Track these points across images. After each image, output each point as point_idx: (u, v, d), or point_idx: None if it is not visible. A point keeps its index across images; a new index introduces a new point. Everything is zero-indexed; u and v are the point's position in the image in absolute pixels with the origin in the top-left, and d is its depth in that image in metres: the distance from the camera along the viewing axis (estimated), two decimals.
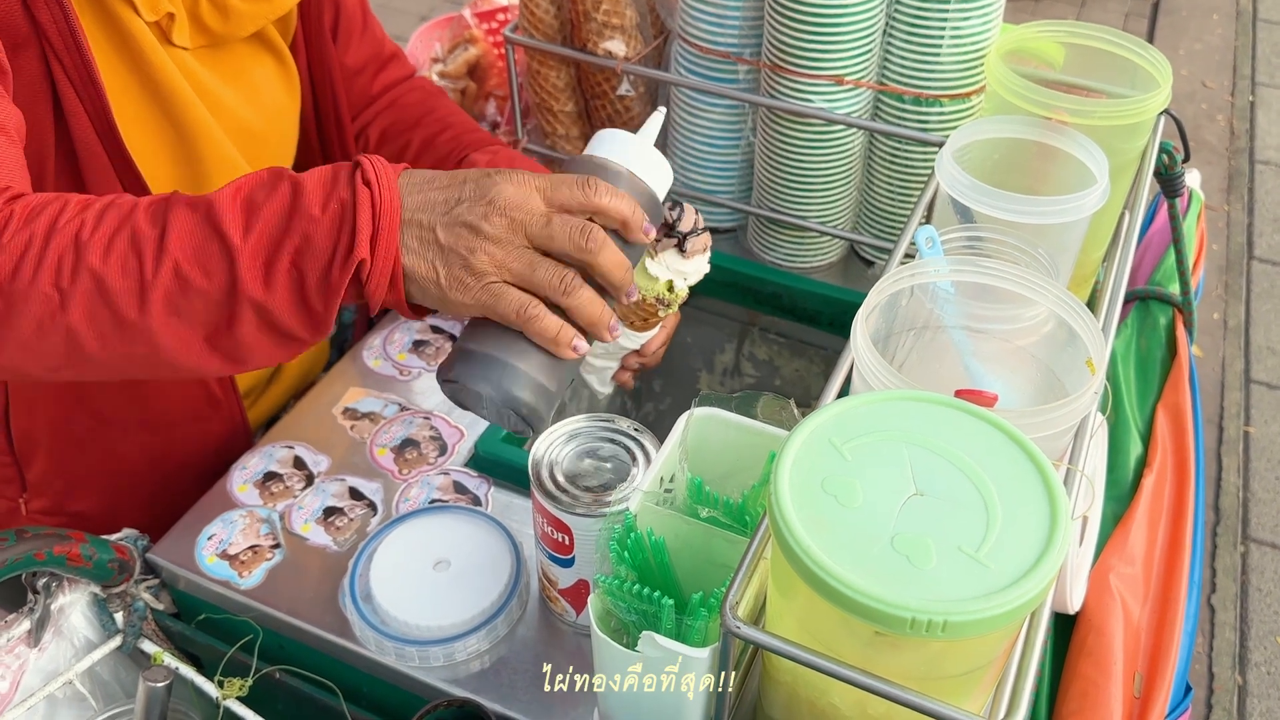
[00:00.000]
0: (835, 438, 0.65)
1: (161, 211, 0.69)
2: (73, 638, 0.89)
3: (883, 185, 1.13)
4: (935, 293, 0.84)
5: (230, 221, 0.68)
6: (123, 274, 0.67)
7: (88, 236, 0.68)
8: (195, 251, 0.68)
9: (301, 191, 0.69)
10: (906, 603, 0.56)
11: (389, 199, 0.69)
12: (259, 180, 0.70)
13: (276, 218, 0.68)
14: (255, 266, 0.68)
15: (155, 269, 0.67)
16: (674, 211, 0.90)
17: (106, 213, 0.69)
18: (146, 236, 0.68)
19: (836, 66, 1.04)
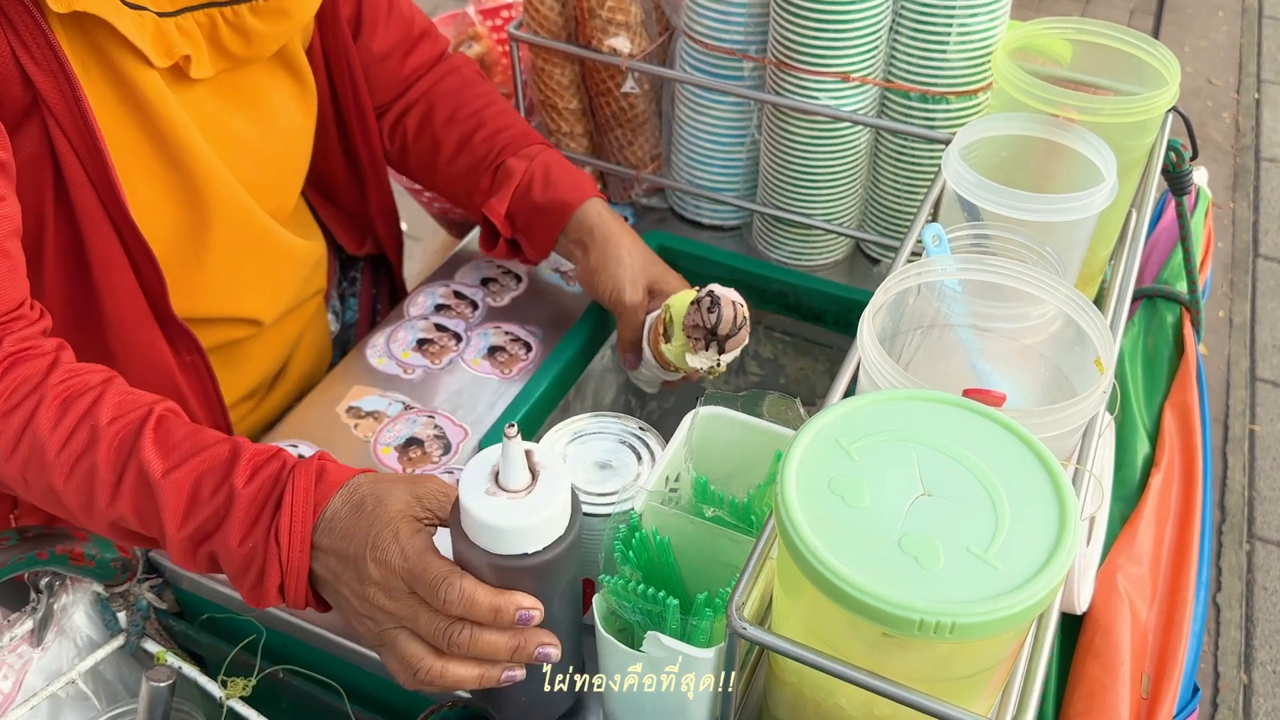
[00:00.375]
0: (842, 437, 0.64)
1: (124, 456, 0.75)
2: (75, 637, 0.89)
3: (889, 183, 1.13)
4: (942, 291, 0.84)
5: (170, 513, 0.74)
6: (77, 497, 0.76)
7: (53, 457, 0.75)
8: (138, 515, 0.75)
9: (231, 513, 0.73)
10: (914, 604, 0.55)
11: (296, 559, 0.72)
12: (211, 468, 0.75)
13: (208, 524, 0.74)
14: (183, 552, 0.75)
15: (106, 506, 0.75)
16: (711, 313, 0.90)
17: (76, 431, 0.76)
18: (104, 481, 0.75)
19: (843, 63, 1.03)
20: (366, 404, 1.02)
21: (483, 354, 1.07)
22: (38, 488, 0.77)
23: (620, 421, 0.85)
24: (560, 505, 0.66)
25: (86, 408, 0.76)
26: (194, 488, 0.74)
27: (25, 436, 0.76)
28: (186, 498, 0.74)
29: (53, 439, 0.75)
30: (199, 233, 0.93)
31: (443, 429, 1.00)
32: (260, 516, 0.73)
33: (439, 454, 0.97)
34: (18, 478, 0.77)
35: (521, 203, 1.05)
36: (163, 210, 0.91)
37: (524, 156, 1.06)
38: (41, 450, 0.75)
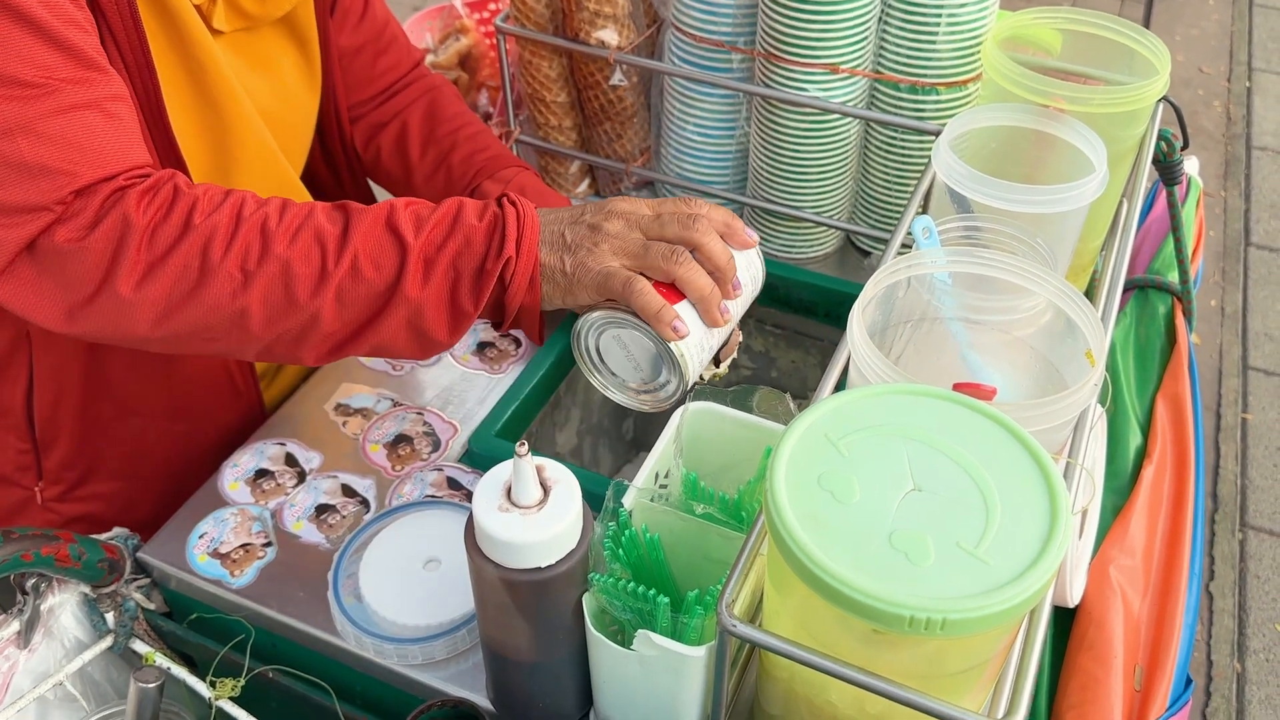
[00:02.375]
0: (831, 433, 0.64)
1: (341, 213, 0.80)
2: (63, 638, 0.88)
3: (879, 175, 1.12)
4: (932, 284, 0.83)
5: (405, 225, 0.80)
6: (306, 261, 0.77)
7: (274, 226, 0.78)
8: (374, 246, 0.79)
9: (464, 205, 0.82)
10: (904, 601, 0.55)
11: (529, 214, 0.82)
12: (423, 202, 0.83)
13: (444, 223, 0.81)
14: (419, 264, 0.79)
15: (337, 259, 0.78)
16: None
17: (287, 208, 0.79)
18: (329, 232, 0.78)
19: (832, 55, 1.03)
20: (355, 401, 1.02)
21: (471, 350, 1.07)
22: (264, 271, 0.76)
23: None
24: (572, 519, 0.66)
25: (284, 201, 0.80)
26: (418, 206, 0.81)
27: (240, 223, 0.77)
28: (414, 215, 0.80)
29: (270, 215, 0.78)
30: (226, 170, 0.92)
31: (432, 426, 0.99)
32: (488, 201, 0.82)
33: (428, 451, 0.97)
34: (236, 272, 0.76)
35: None
36: (196, 139, 0.89)
37: (499, 180, 1.06)
38: (260, 226, 0.77)
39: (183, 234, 0.76)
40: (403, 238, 0.79)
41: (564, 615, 0.69)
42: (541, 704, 0.75)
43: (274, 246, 0.77)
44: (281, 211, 0.79)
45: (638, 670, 0.69)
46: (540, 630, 0.69)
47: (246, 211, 0.78)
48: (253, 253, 0.77)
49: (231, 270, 0.76)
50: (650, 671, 0.69)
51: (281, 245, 0.77)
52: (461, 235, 0.80)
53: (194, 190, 0.78)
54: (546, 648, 0.70)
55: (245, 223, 0.77)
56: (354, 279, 0.78)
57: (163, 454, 1.02)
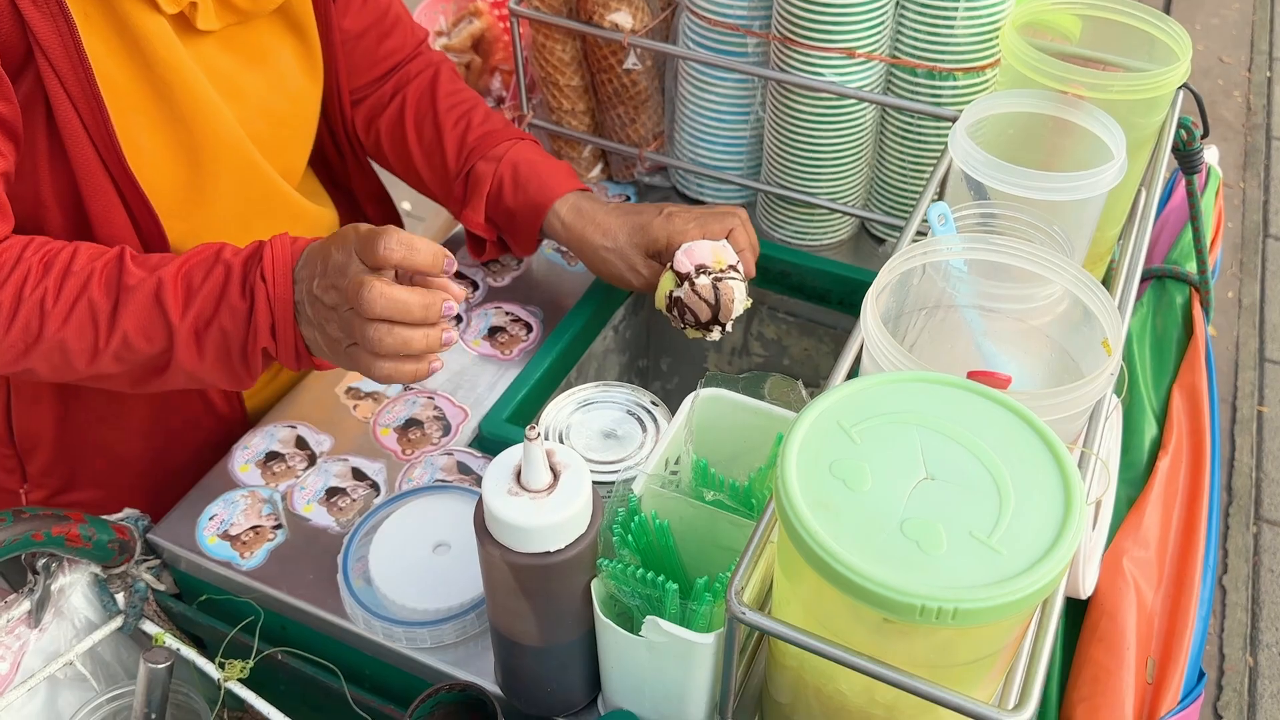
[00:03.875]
0: (844, 420, 0.63)
1: (114, 283, 0.82)
2: (74, 618, 0.89)
3: (894, 161, 1.11)
4: (948, 271, 0.82)
5: (172, 301, 0.81)
6: (79, 338, 0.81)
7: (50, 306, 0.81)
8: (142, 326, 0.81)
9: (230, 277, 0.81)
10: (916, 590, 0.54)
11: (283, 292, 0.80)
12: (200, 260, 0.83)
13: (211, 298, 0.81)
14: (190, 341, 0.82)
15: (108, 338, 0.81)
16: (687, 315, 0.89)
17: (66, 281, 0.81)
18: (101, 309, 0.81)
19: (848, 39, 1.02)
20: (366, 384, 1.01)
21: (483, 334, 1.06)
22: (41, 345, 0.81)
23: (630, 392, 0.84)
24: (581, 504, 0.65)
25: (67, 262, 0.82)
26: (187, 278, 0.81)
27: (20, 303, 0.80)
28: (183, 287, 0.81)
29: (47, 295, 0.80)
30: (202, 187, 0.92)
31: (442, 410, 0.99)
32: (249, 271, 0.81)
33: (438, 435, 0.97)
34: (19, 346, 0.81)
35: (495, 208, 1.05)
36: (163, 162, 0.89)
37: (491, 159, 1.05)
38: (38, 306, 0.80)
39: None
40: (169, 317, 0.81)
41: (572, 600, 0.68)
42: (549, 688, 0.75)
43: (48, 327, 0.81)
44: (60, 287, 0.81)
45: (646, 656, 0.69)
46: (548, 615, 0.69)
47: (27, 290, 0.80)
48: (30, 330, 0.81)
49: (14, 341, 0.81)
50: (658, 658, 0.69)
51: (54, 326, 0.81)
52: (226, 313, 0.81)
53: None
54: (554, 632, 0.70)
55: (24, 303, 0.80)
56: (128, 351, 0.82)
57: (143, 462, 1.02)
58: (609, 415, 0.82)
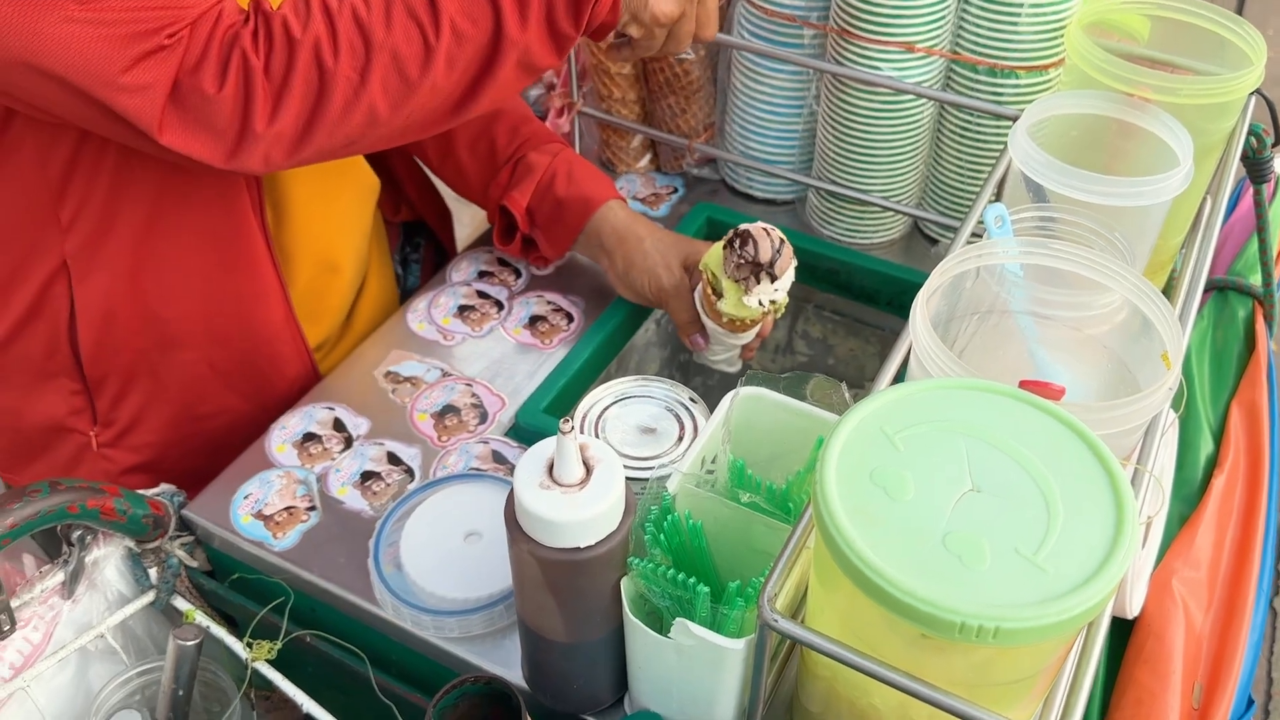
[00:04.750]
0: (888, 426, 0.61)
1: None
2: (106, 591, 0.89)
3: (951, 160, 1.08)
4: (1002, 275, 0.80)
5: None
6: (408, 41, 0.79)
7: (365, 16, 0.78)
8: (464, 6, 0.79)
9: None
10: (956, 606, 0.52)
11: None
12: None
13: None
14: (513, 7, 0.80)
15: (436, 31, 0.79)
16: (748, 247, 0.86)
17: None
18: (417, 3, 0.79)
19: (907, 33, 0.99)
20: (405, 369, 1.01)
21: (524, 323, 1.05)
22: (374, 65, 0.78)
23: (668, 387, 0.82)
24: (613, 500, 0.64)
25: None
26: None
27: (336, 25, 0.77)
28: None
29: (357, 7, 0.78)
30: None
31: (480, 398, 0.98)
32: None
33: (475, 423, 0.96)
34: (353, 76, 0.78)
35: (543, 197, 1.03)
36: None
37: (546, 152, 1.04)
38: (353, 21, 0.77)
39: (292, 56, 0.77)
40: None
41: (601, 598, 0.67)
42: (575, 685, 0.74)
43: (374, 36, 0.78)
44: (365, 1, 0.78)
45: (674, 659, 0.68)
46: (576, 611, 0.68)
47: (333, 7, 0.78)
48: (357, 50, 0.78)
49: (347, 73, 0.78)
50: (687, 661, 0.67)
51: (380, 33, 0.78)
52: None
53: (281, 9, 0.78)
54: (582, 629, 0.69)
55: (339, 20, 0.78)
56: (457, 42, 0.79)
57: (211, 401, 1.01)
58: (646, 410, 0.80)
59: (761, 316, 0.91)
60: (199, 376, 0.99)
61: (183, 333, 0.97)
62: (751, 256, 0.86)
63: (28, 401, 0.99)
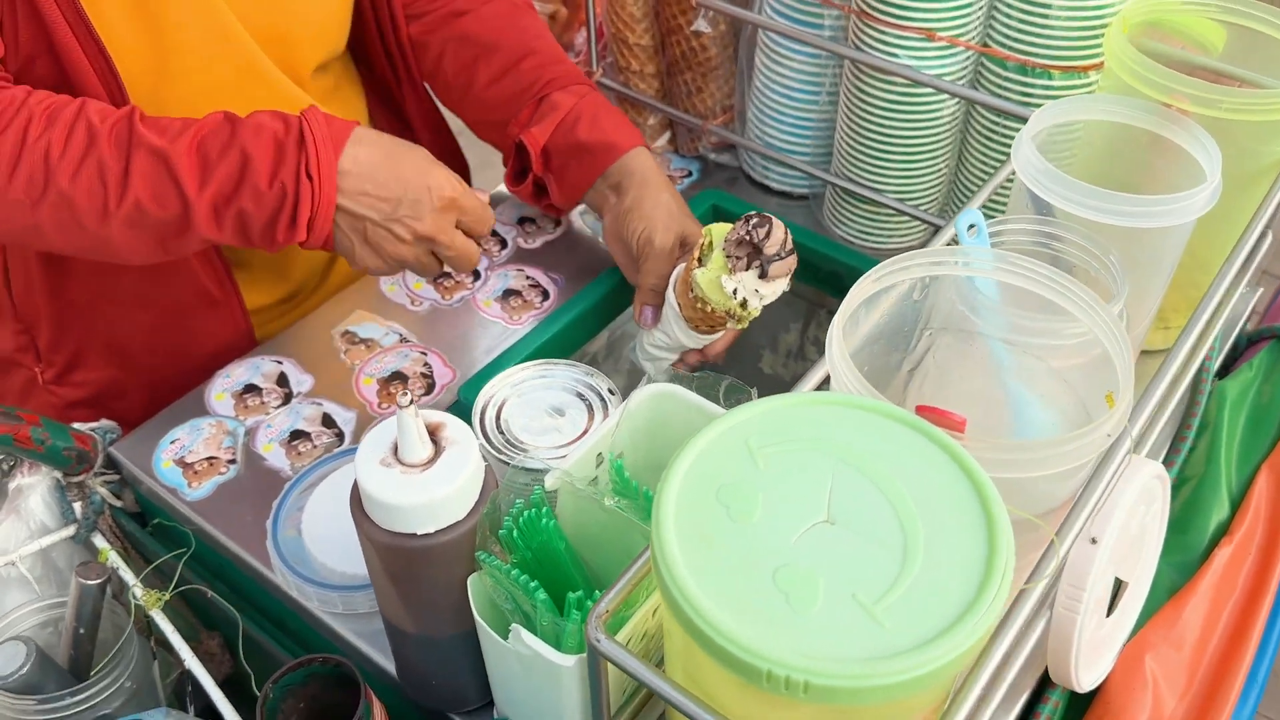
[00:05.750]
0: (755, 440, 0.54)
1: (124, 144, 0.77)
2: (29, 520, 0.88)
3: (976, 163, 0.99)
4: (971, 292, 0.71)
5: (186, 173, 0.77)
6: (89, 197, 0.77)
7: (56, 159, 0.76)
8: (154, 192, 0.77)
9: (249, 164, 0.78)
10: (765, 651, 0.45)
11: (328, 194, 0.79)
12: (212, 129, 0.79)
13: (228, 180, 0.78)
14: (208, 214, 0.78)
15: (119, 200, 0.77)
16: (761, 229, 0.78)
17: (73, 133, 0.77)
18: (111, 169, 0.77)
19: (928, 19, 0.90)
20: (363, 330, 0.97)
21: (496, 296, 1.00)
22: (47, 201, 0.77)
23: (586, 374, 0.76)
24: (459, 486, 0.59)
25: (75, 113, 0.78)
26: (202, 151, 0.78)
27: (23, 151, 0.76)
28: (198, 161, 0.77)
29: (53, 146, 0.76)
30: (166, 58, 0.86)
31: (432, 368, 0.94)
32: (284, 157, 0.78)
33: (420, 393, 0.91)
34: (23, 198, 0.77)
35: (563, 139, 0.97)
36: (126, 31, 0.83)
37: (572, 93, 0.98)
38: (44, 158, 0.76)
39: None
40: (184, 189, 0.77)
41: (447, 591, 0.62)
42: (434, 681, 0.69)
43: (56, 180, 0.76)
44: (66, 139, 0.76)
45: (518, 667, 0.62)
46: (420, 603, 0.63)
47: (31, 137, 0.76)
48: (36, 183, 0.76)
49: (18, 196, 0.77)
50: (529, 671, 0.61)
51: (64, 180, 0.76)
52: (248, 197, 0.79)
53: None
54: (429, 623, 0.64)
55: (29, 151, 0.76)
56: (140, 216, 0.78)
57: (143, 347, 0.99)
58: (559, 396, 0.74)
59: (723, 316, 0.83)
60: (128, 324, 0.98)
61: (106, 288, 0.96)
62: (758, 239, 0.78)
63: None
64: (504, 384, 0.74)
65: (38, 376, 1.01)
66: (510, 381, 0.75)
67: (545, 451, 0.71)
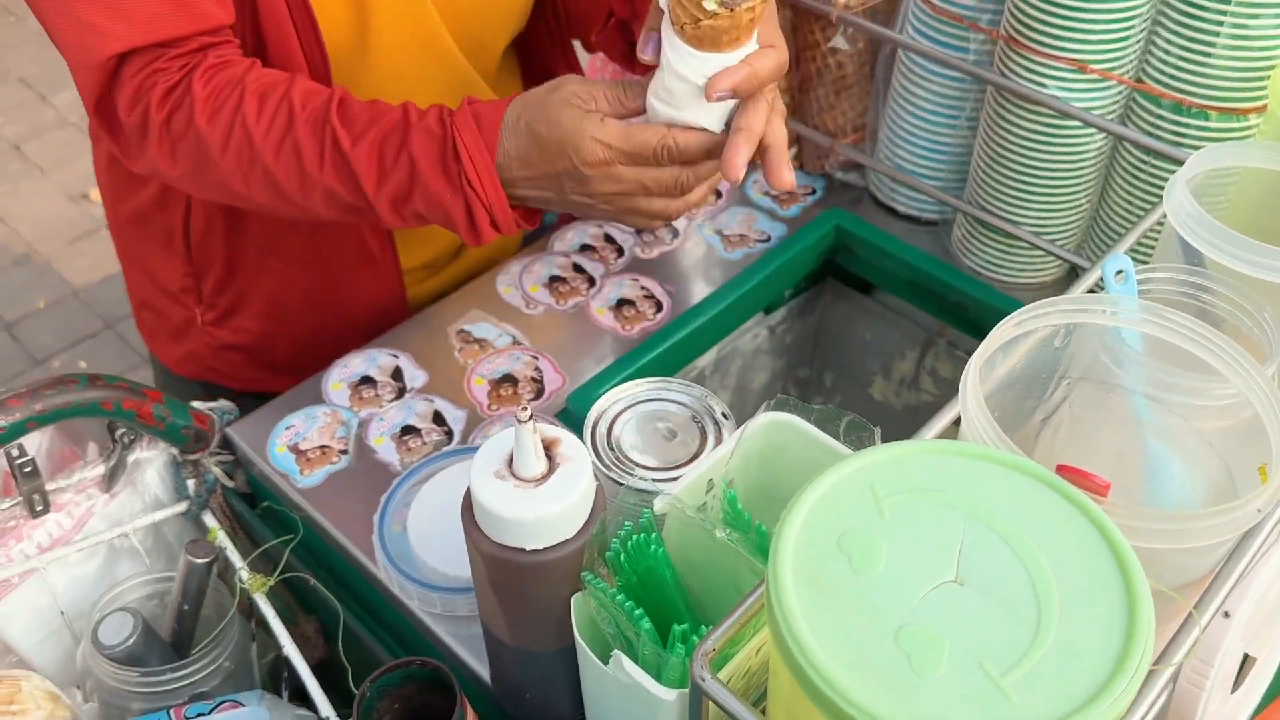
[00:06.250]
0: (880, 485, 0.52)
1: (320, 134, 0.81)
2: (145, 493, 0.90)
3: (1121, 202, 0.94)
4: (1115, 342, 0.68)
5: (365, 175, 0.82)
6: (288, 177, 0.83)
7: (260, 138, 0.82)
8: (343, 184, 0.82)
9: (417, 171, 0.81)
10: (882, 713, 0.43)
11: (493, 196, 0.81)
12: (390, 129, 0.81)
13: (401, 186, 0.82)
14: (389, 210, 0.83)
15: (316, 182, 0.82)
16: None
17: (277, 114, 0.82)
18: (307, 154, 0.82)
19: (1081, 50, 0.86)
20: (478, 330, 0.97)
21: (610, 305, 1.00)
22: (254, 176, 0.83)
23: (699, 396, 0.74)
24: (571, 504, 0.58)
25: (282, 94, 0.82)
26: (380, 153, 0.81)
27: (235, 128, 0.82)
28: (376, 164, 0.81)
29: (258, 124, 0.81)
30: (366, 33, 0.90)
31: (543, 372, 0.93)
32: (446, 165, 0.80)
33: (529, 397, 0.91)
34: (234, 171, 0.83)
35: None
36: (335, 5, 0.88)
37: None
38: (249, 135, 0.81)
39: (186, 131, 0.82)
40: (363, 189, 0.82)
41: (550, 608, 0.61)
42: (529, 694, 0.68)
43: (262, 157, 0.82)
44: (271, 121, 0.82)
45: (616, 693, 0.61)
46: (523, 617, 0.62)
47: (241, 115, 0.81)
48: (243, 158, 0.82)
49: (230, 168, 0.83)
50: (629, 699, 0.60)
51: (269, 157, 0.82)
52: (424, 202, 0.82)
53: (207, 85, 0.82)
54: (529, 636, 0.63)
55: (237, 129, 0.81)
56: (332, 199, 0.83)
57: (301, 303, 1.03)
58: (675, 418, 0.73)
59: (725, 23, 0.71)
60: (291, 280, 1.02)
61: (276, 243, 1.00)
62: None
63: (161, 270, 1.06)
64: (618, 399, 0.73)
65: (197, 317, 1.05)
66: (624, 397, 0.74)
67: (656, 473, 0.70)
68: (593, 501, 0.60)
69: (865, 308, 1.16)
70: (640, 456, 0.70)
